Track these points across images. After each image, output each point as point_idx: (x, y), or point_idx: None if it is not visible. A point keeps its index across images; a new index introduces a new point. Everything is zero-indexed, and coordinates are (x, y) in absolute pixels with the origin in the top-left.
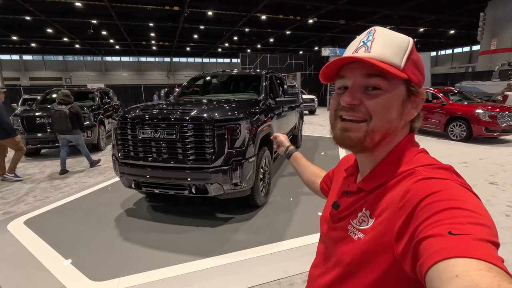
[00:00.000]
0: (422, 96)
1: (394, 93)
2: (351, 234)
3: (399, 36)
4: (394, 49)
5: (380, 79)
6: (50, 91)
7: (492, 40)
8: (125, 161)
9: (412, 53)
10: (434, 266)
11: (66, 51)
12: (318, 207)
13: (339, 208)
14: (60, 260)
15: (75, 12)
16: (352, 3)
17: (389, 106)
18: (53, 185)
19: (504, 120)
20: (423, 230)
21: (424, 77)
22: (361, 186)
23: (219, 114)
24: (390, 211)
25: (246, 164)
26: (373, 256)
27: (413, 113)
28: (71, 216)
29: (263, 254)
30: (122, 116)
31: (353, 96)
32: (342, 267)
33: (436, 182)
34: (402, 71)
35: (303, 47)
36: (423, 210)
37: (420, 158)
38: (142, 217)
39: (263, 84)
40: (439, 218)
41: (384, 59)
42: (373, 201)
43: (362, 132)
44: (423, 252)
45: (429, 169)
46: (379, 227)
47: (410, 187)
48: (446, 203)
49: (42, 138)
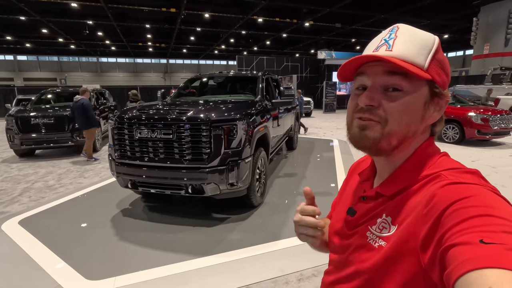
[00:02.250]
0: (446, 98)
1: (416, 94)
2: (371, 242)
3: (424, 34)
4: (418, 48)
5: (402, 78)
6: (45, 91)
7: (484, 44)
8: (122, 161)
9: (437, 52)
10: (464, 275)
11: (61, 52)
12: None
13: (356, 214)
14: (55, 260)
15: (71, 12)
16: (348, 7)
17: (409, 109)
18: (48, 185)
19: (496, 123)
20: (450, 237)
21: (449, 78)
22: (380, 191)
23: (216, 114)
24: (414, 217)
25: (242, 165)
26: (397, 264)
27: (435, 116)
28: (66, 216)
29: (259, 253)
30: (119, 116)
31: (371, 96)
32: (363, 276)
33: (464, 187)
34: (426, 71)
35: (299, 50)
36: (451, 216)
37: (444, 162)
38: (138, 217)
39: (259, 85)
40: (468, 225)
41: (407, 59)
42: (394, 206)
43: (378, 133)
44: (451, 260)
45: (455, 173)
46: (402, 234)
47: (436, 192)
48: (476, 209)
49: (37, 139)
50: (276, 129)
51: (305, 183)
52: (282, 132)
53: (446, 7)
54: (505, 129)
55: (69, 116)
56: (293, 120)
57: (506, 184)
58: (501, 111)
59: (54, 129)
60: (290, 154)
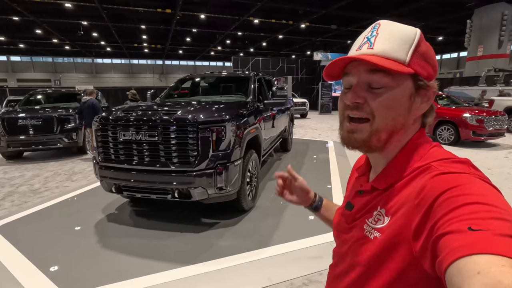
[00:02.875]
0: (433, 89)
1: (400, 89)
2: (367, 234)
3: (405, 29)
4: (399, 43)
5: (384, 75)
6: (34, 92)
7: (478, 46)
8: (106, 164)
9: (419, 45)
10: (454, 263)
11: (55, 53)
12: (308, 211)
13: (353, 208)
14: (33, 271)
15: (65, 13)
16: (343, 8)
17: (394, 103)
18: (33, 189)
19: (491, 124)
20: (441, 226)
21: (436, 69)
22: (375, 185)
23: (204, 115)
24: (406, 208)
25: (231, 168)
26: (391, 254)
27: (423, 107)
28: (48, 223)
29: (247, 261)
30: (102, 117)
31: (356, 94)
32: (360, 268)
33: (453, 176)
34: (407, 66)
35: (295, 51)
36: (441, 206)
37: (434, 153)
38: (123, 223)
39: (251, 86)
40: (458, 214)
41: (387, 55)
42: (388, 199)
43: (367, 133)
44: (442, 248)
45: (445, 164)
46: (395, 225)
47: (426, 183)
48: (465, 198)
49: (25, 141)
50: (268, 130)
51: None
52: (275, 134)
53: (440, 10)
54: (500, 130)
55: (56, 117)
56: (287, 121)
57: (502, 186)
58: (496, 112)
59: (43, 131)
60: (285, 156)
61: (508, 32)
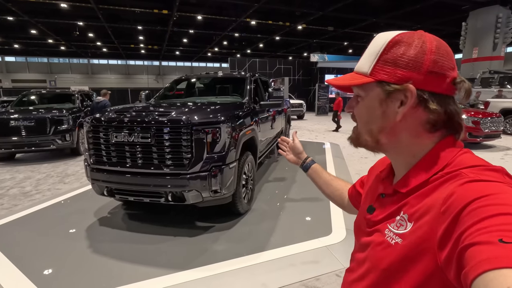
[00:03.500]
0: (406, 93)
1: (369, 97)
2: (388, 239)
3: (380, 39)
4: (367, 57)
5: (358, 88)
6: (27, 93)
7: (473, 49)
8: (97, 167)
9: (385, 52)
10: (482, 275)
11: (51, 53)
12: (304, 214)
13: (374, 211)
14: (20, 278)
15: (61, 13)
16: (340, 10)
17: (365, 111)
18: (24, 191)
19: (487, 126)
20: (469, 236)
21: (416, 67)
22: (397, 188)
23: (198, 117)
24: (432, 215)
25: (226, 170)
26: (412, 262)
27: (403, 109)
28: (38, 226)
29: (242, 266)
30: (94, 118)
31: (350, 105)
32: (378, 274)
33: (485, 185)
34: (369, 76)
35: (292, 53)
36: (470, 215)
37: (465, 159)
38: (116, 227)
39: (247, 87)
40: (488, 224)
41: (358, 70)
42: (411, 204)
43: (354, 135)
44: (469, 260)
45: (476, 171)
46: (419, 232)
47: (455, 190)
48: (497, 208)
49: (17, 142)
50: (265, 132)
51: (295, 188)
52: (272, 135)
53: (436, 12)
54: (496, 132)
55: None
56: (283, 122)
57: None
58: (492, 114)
59: (36, 132)
60: (281, 158)
61: (503, 35)
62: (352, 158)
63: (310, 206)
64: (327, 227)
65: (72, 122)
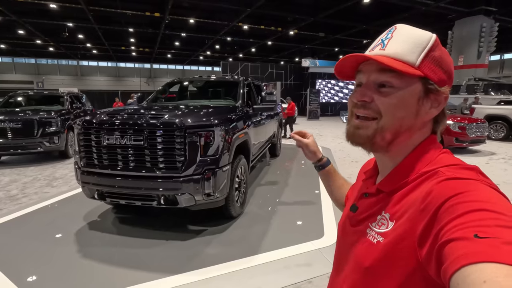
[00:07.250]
0: (444, 95)
1: (407, 90)
2: (370, 238)
3: (419, 33)
4: (411, 46)
5: (392, 75)
6: (13, 94)
7: (459, 56)
8: (88, 170)
9: (432, 50)
10: (459, 270)
11: (38, 54)
12: (297, 217)
13: (358, 210)
14: (6, 285)
15: (50, 13)
16: (331, 16)
17: (401, 103)
18: (9, 195)
19: (472, 131)
20: (446, 233)
21: (451, 75)
22: (380, 188)
23: (192, 119)
24: (411, 213)
25: (219, 173)
26: (394, 260)
27: (433, 112)
28: (25, 231)
29: (235, 270)
30: (85, 120)
31: (364, 93)
32: (361, 273)
33: (460, 182)
34: (417, 68)
35: (284, 58)
36: (447, 212)
37: (443, 159)
38: (106, 231)
39: (240, 91)
40: (464, 221)
41: (398, 57)
42: (393, 203)
43: (372, 130)
44: (447, 255)
45: (453, 169)
46: (400, 230)
47: (433, 188)
48: (472, 204)
49: (2, 144)
50: (257, 135)
51: (288, 191)
52: (264, 139)
53: (423, 21)
54: (481, 137)
55: (37, 120)
56: (276, 126)
57: None
58: (477, 119)
59: (22, 134)
60: (273, 161)
61: (487, 43)
62: (343, 162)
63: (302, 209)
64: (319, 230)
65: (60, 124)
